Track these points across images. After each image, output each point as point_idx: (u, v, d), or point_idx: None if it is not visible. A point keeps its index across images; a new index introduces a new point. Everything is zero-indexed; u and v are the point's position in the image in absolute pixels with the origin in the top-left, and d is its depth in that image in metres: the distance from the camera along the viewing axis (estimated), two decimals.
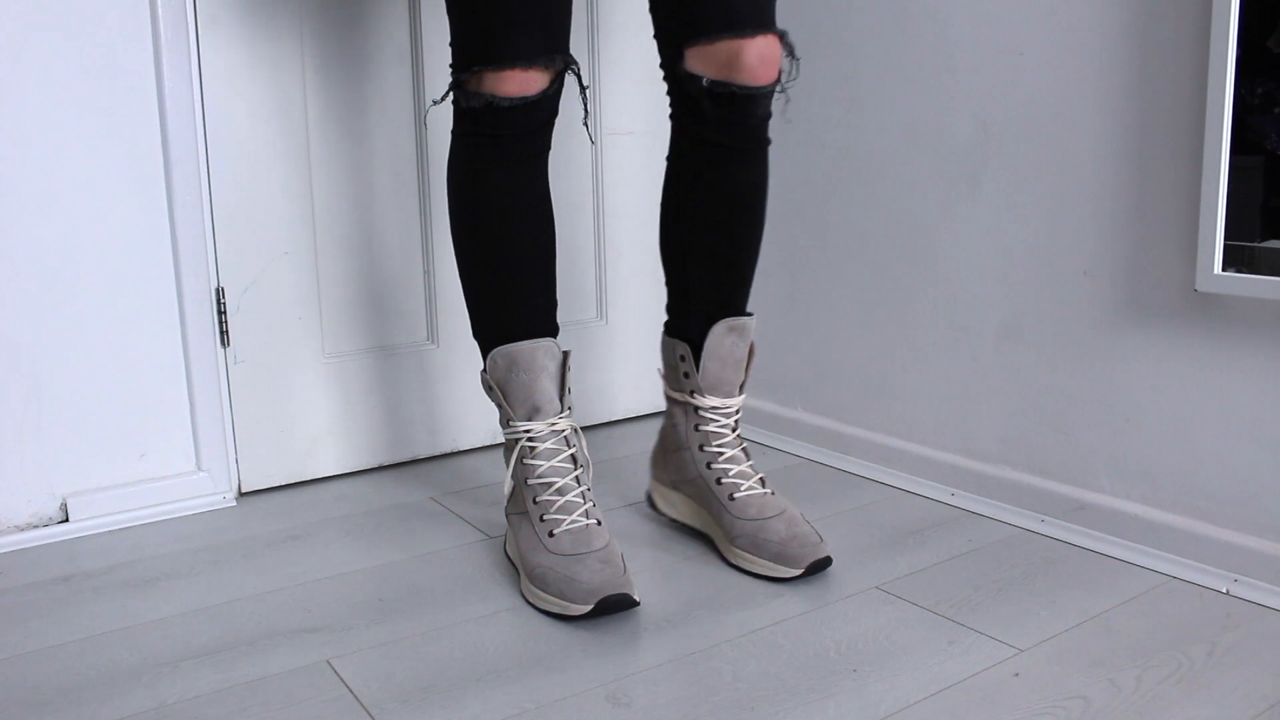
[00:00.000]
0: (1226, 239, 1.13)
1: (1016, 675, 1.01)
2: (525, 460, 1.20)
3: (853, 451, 1.65)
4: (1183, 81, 1.19)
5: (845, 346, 1.66)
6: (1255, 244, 1.12)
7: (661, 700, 0.97)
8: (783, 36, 1.17)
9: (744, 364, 1.29)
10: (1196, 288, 1.17)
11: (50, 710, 0.97)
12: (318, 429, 1.59)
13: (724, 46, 1.13)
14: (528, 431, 1.20)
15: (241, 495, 1.55)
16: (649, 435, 1.83)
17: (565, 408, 1.22)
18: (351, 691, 1.00)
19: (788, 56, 1.19)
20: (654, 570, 1.26)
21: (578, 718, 0.95)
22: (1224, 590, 1.18)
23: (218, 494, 1.51)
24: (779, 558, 1.20)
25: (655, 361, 1.94)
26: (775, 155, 1.73)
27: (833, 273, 1.66)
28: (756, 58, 1.13)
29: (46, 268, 1.36)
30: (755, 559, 1.22)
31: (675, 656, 1.05)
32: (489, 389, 1.23)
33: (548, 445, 1.20)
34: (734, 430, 1.29)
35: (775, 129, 1.71)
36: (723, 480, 1.25)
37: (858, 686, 0.99)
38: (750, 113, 1.18)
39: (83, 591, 1.23)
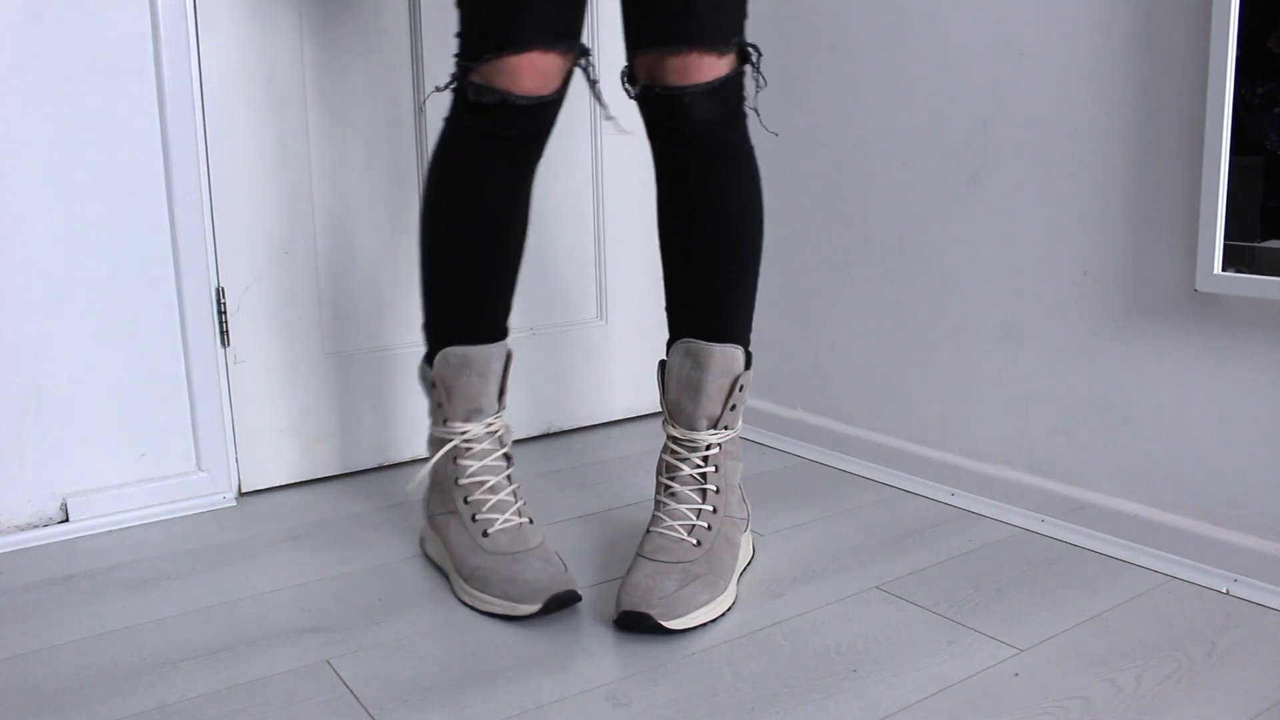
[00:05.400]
0: (1226, 239, 1.13)
1: (1016, 675, 1.01)
2: (459, 460, 1.20)
3: (853, 451, 1.65)
4: (1183, 81, 1.19)
5: (845, 346, 1.66)
6: (1255, 244, 1.12)
7: (661, 700, 0.97)
8: (724, 47, 1.11)
9: (705, 394, 1.17)
10: (1196, 288, 1.17)
11: (50, 710, 0.97)
12: (318, 429, 1.59)
13: (653, 56, 1.12)
14: (464, 433, 1.20)
15: (241, 495, 1.55)
16: (648, 435, 1.83)
17: (501, 407, 1.22)
18: (351, 691, 1.00)
19: (741, 64, 1.14)
20: None
21: (578, 718, 0.95)
22: (1224, 590, 1.18)
23: (218, 494, 1.51)
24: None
25: (654, 362, 1.94)
26: (776, 155, 1.72)
27: (833, 273, 1.66)
28: (679, 63, 1.10)
29: (46, 268, 1.36)
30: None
31: (675, 656, 1.05)
32: (430, 385, 1.21)
33: (483, 446, 1.20)
34: (699, 466, 1.18)
35: (776, 129, 1.71)
36: (655, 513, 1.20)
37: (858, 686, 0.99)
38: (682, 116, 1.13)
39: (83, 591, 1.23)
